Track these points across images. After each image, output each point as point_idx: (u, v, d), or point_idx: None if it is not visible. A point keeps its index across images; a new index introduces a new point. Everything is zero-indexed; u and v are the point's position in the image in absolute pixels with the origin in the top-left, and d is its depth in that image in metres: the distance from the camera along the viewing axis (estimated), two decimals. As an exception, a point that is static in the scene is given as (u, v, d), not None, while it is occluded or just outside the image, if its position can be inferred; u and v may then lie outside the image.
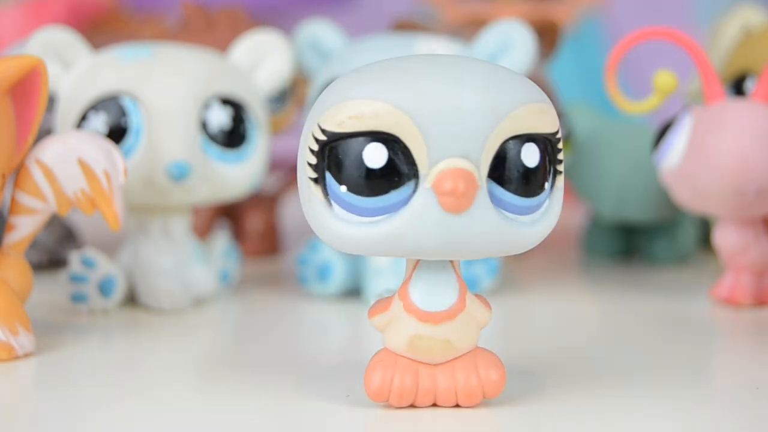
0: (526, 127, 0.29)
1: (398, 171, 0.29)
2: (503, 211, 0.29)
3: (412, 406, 0.31)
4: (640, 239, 0.56)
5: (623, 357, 0.38)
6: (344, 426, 0.31)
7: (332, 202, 0.30)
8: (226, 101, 0.44)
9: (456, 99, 0.29)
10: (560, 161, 0.30)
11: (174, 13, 0.72)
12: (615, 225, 0.56)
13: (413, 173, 0.29)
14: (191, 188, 0.43)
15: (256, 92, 0.46)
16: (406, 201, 0.29)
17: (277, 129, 0.55)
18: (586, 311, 0.47)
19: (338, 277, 0.46)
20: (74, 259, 0.44)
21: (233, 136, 0.44)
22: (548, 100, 0.30)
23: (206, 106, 0.44)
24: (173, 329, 0.42)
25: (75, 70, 0.44)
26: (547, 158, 0.30)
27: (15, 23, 0.74)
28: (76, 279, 0.43)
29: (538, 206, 0.30)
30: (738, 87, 0.50)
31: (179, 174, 0.42)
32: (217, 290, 0.46)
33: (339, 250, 0.31)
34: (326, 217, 0.30)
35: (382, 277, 0.45)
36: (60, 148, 0.38)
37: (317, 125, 0.30)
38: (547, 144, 0.30)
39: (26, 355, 0.37)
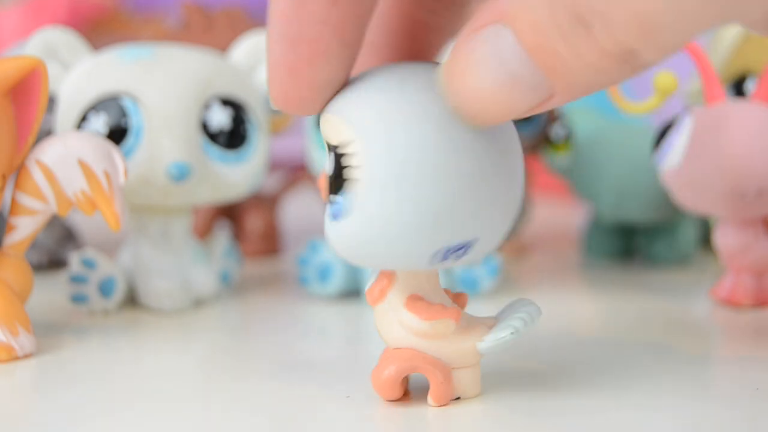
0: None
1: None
2: None
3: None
4: (640, 239, 0.56)
5: (623, 357, 0.38)
6: (344, 426, 0.31)
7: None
8: (226, 102, 0.44)
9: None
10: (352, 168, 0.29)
11: (174, 13, 0.73)
12: (615, 225, 0.56)
13: None
14: (191, 189, 0.43)
15: (256, 92, 0.46)
16: None
17: (277, 129, 0.55)
18: (586, 311, 0.47)
19: (338, 277, 0.46)
20: (74, 259, 0.44)
21: (233, 137, 0.44)
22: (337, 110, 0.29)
23: (206, 106, 0.44)
24: (173, 329, 0.42)
25: (75, 70, 0.44)
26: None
27: (15, 23, 0.74)
28: (76, 280, 0.43)
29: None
30: (738, 87, 0.50)
31: (179, 175, 0.42)
32: (218, 290, 0.46)
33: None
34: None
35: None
36: (60, 148, 0.38)
37: None
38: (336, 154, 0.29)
39: (26, 356, 0.37)
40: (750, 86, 0.50)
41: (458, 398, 0.32)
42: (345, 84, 0.30)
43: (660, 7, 0.25)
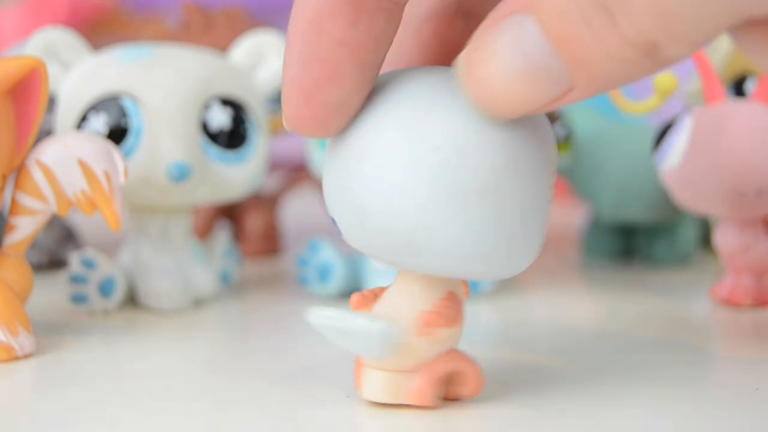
0: None
1: None
2: None
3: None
4: (640, 239, 0.56)
5: (623, 357, 0.38)
6: (344, 426, 0.31)
7: None
8: (226, 102, 0.44)
9: None
10: None
11: (174, 13, 0.73)
12: (615, 225, 0.56)
13: None
14: (191, 189, 0.43)
15: (256, 92, 0.46)
16: None
17: (277, 129, 0.55)
18: (586, 311, 0.47)
19: (338, 277, 0.46)
20: (74, 259, 0.44)
21: (233, 137, 0.44)
22: None
23: (206, 106, 0.44)
24: (173, 329, 0.42)
25: (75, 70, 0.44)
26: None
27: (15, 23, 0.74)
28: (76, 280, 0.43)
29: None
30: (738, 88, 0.50)
31: (179, 175, 0.42)
32: (218, 290, 0.46)
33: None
34: None
35: (381, 278, 0.45)
36: (60, 148, 0.38)
37: None
38: None
39: (26, 356, 0.37)
40: (750, 86, 0.50)
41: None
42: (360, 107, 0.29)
43: None
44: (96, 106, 0.43)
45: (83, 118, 0.43)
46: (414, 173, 0.27)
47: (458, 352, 0.31)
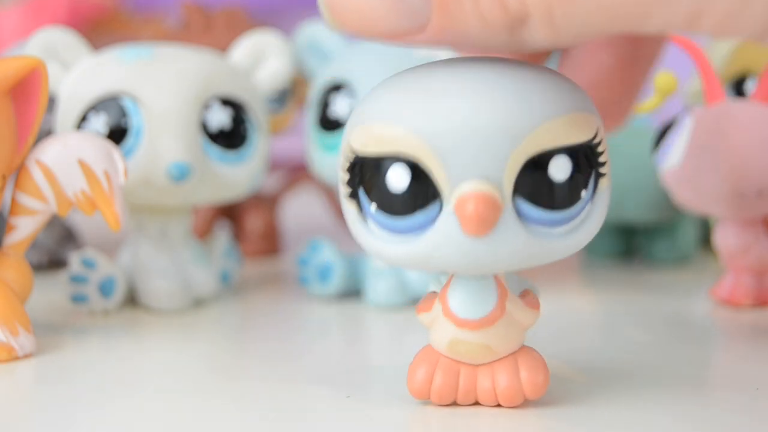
0: (552, 141, 0.28)
1: (421, 193, 0.28)
2: (533, 226, 0.29)
3: (455, 404, 0.31)
4: (640, 239, 0.56)
5: (623, 357, 0.38)
6: (344, 426, 0.31)
7: (366, 218, 0.30)
8: (226, 102, 0.44)
9: (473, 120, 0.28)
10: (602, 164, 0.30)
11: (174, 13, 0.72)
12: (615, 225, 0.56)
13: (437, 194, 0.28)
14: (191, 189, 0.43)
15: (256, 92, 0.46)
16: (432, 221, 0.29)
17: (277, 129, 0.55)
18: (586, 311, 0.47)
19: (338, 277, 0.46)
20: (74, 259, 0.44)
21: (233, 137, 0.44)
22: (585, 106, 0.29)
23: (206, 106, 0.44)
24: (173, 329, 0.42)
25: (75, 70, 0.44)
26: (582, 167, 0.29)
27: (15, 23, 0.74)
28: (76, 280, 0.43)
29: (575, 216, 0.29)
30: (738, 87, 0.50)
31: (179, 175, 0.42)
32: (218, 291, 0.46)
33: (382, 261, 0.31)
34: (362, 231, 0.30)
35: (381, 278, 0.45)
36: (60, 148, 0.38)
37: (348, 143, 0.30)
38: (581, 153, 0.29)
39: (26, 356, 0.37)
40: (750, 86, 0.50)
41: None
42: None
43: None
44: (96, 106, 0.43)
45: (83, 118, 0.43)
46: None
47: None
